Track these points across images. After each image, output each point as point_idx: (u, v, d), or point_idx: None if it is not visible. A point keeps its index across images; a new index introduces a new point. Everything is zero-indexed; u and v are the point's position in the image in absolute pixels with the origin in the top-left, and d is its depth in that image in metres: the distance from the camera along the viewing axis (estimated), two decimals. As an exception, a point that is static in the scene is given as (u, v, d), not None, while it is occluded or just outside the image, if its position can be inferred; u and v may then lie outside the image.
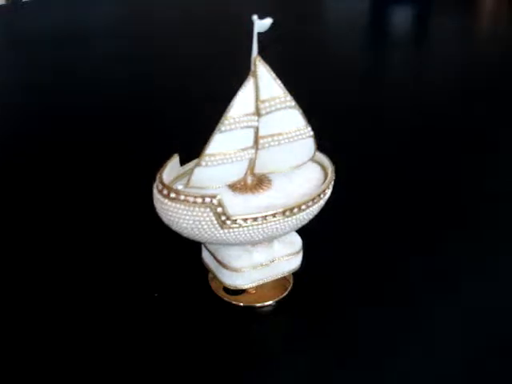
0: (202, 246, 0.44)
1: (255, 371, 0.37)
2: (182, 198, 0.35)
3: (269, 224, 0.37)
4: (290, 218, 0.38)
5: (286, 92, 0.36)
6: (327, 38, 1.12)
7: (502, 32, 1.18)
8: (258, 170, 0.40)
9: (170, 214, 0.36)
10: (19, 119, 0.75)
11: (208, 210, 0.35)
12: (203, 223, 0.36)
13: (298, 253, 0.43)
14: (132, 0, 1.38)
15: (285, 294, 0.43)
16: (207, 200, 0.35)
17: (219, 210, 0.36)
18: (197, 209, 0.35)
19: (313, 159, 0.41)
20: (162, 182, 0.36)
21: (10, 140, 0.69)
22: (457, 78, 0.89)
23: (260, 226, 0.37)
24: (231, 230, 0.37)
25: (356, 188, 0.57)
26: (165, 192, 0.36)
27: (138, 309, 0.42)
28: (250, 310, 0.42)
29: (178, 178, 0.39)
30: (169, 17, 1.22)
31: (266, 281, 0.42)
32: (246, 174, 0.39)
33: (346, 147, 0.65)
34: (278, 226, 0.38)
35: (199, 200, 0.35)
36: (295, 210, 0.38)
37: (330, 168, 0.41)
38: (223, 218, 0.36)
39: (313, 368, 0.37)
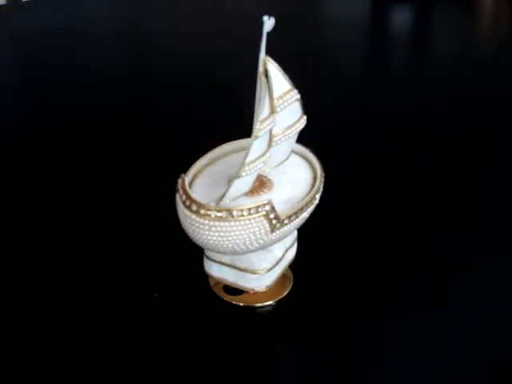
0: (208, 263, 0.43)
1: (255, 371, 0.37)
2: (236, 213, 0.35)
3: (302, 215, 0.38)
4: (312, 205, 0.39)
5: (293, 85, 0.36)
6: (327, 37, 1.12)
7: (502, 31, 1.18)
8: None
9: (222, 234, 0.35)
10: (19, 119, 0.75)
11: (262, 218, 0.35)
12: (257, 233, 0.36)
13: (296, 239, 0.44)
14: (133, 0, 1.38)
15: (285, 294, 0.43)
16: (260, 209, 0.35)
17: (272, 215, 0.36)
18: (252, 221, 0.35)
19: None
20: (204, 206, 0.35)
21: (10, 140, 0.69)
22: (457, 78, 0.88)
23: (296, 220, 0.38)
24: (278, 232, 0.37)
25: (354, 187, 0.57)
26: (213, 215, 0.35)
27: (138, 309, 0.42)
28: (249, 309, 0.42)
29: None
30: (169, 17, 1.22)
31: (281, 274, 0.43)
32: None
33: (346, 147, 0.65)
34: (306, 215, 0.39)
35: (253, 211, 0.35)
36: (317, 195, 0.39)
37: (308, 152, 0.42)
38: (274, 221, 0.36)
39: (313, 368, 0.37)
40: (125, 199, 0.55)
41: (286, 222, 0.37)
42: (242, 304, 0.42)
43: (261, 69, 0.35)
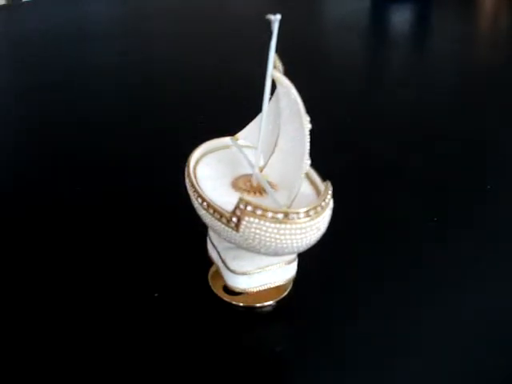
0: (243, 280, 0.41)
1: (255, 371, 0.37)
2: (320, 209, 0.35)
3: None
4: None
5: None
6: (327, 37, 1.12)
7: (502, 32, 1.18)
8: None
9: (314, 231, 0.35)
10: (19, 119, 0.75)
11: (331, 203, 0.36)
12: (328, 219, 0.36)
13: None
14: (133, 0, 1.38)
15: (285, 294, 0.43)
16: (329, 195, 0.36)
17: (332, 200, 0.36)
18: (327, 209, 0.35)
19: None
20: (295, 212, 0.34)
21: (10, 139, 0.69)
22: (457, 78, 0.89)
23: None
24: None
25: (354, 187, 0.57)
26: (312, 214, 0.34)
27: (138, 309, 0.42)
28: (249, 310, 0.42)
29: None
30: (170, 16, 1.22)
31: None
32: None
33: (345, 147, 0.65)
34: None
35: (327, 201, 0.35)
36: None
37: None
38: (331, 206, 0.36)
39: (313, 368, 0.37)
40: (125, 200, 0.55)
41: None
42: (241, 304, 0.42)
43: (271, 67, 0.35)
